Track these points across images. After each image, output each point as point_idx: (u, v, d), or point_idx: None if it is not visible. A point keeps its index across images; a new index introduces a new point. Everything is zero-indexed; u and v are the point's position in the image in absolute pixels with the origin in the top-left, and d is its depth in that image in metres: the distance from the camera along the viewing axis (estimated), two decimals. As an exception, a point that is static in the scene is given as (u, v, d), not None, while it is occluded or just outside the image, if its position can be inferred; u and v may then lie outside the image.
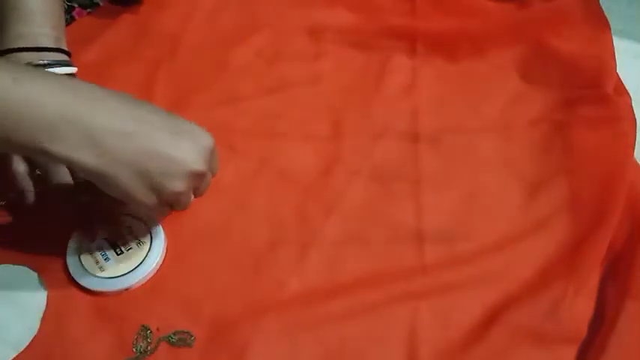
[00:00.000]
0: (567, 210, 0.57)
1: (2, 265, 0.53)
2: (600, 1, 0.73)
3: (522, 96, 0.67)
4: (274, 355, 0.49)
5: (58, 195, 0.52)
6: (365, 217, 0.57)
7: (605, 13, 0.72)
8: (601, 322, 0.51)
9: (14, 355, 0.48)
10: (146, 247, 0.54)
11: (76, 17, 0.72)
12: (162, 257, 0.54)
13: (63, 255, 0.54)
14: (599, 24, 0.71)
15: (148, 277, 0.53)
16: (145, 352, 0.49)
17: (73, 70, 0.55)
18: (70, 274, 0.52)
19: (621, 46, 0.69)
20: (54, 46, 0.55)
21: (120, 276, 0.52)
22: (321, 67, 0.69)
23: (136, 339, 0.50)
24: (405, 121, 0.64)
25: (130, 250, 0.53)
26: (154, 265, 0.53)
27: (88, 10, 0.73)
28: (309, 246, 0.55)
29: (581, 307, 0.51)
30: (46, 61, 0.53)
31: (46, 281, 0.53)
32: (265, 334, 0.50)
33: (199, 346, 0.50)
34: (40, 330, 0.50)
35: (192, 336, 0.50)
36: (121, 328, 0.50)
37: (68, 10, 0.71)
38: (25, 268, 0.53)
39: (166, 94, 0.66)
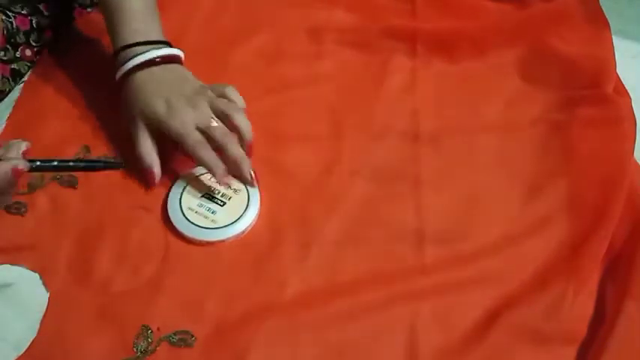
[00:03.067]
0: (567, 210, 0.57)
1: (2, 265, 0.53)
2: (600, 1, 0.73)
3: (522, 96, 0.67)
4: (275, 355, 0.50)
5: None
6: (365, 217, 0.57)
7: (605, 13, 0.72)
8: (601, 322, 0.51)
9: (15, 355, 0.48)
10: (243, 192, 0.57)
11: (77, 17, 0.72)
12: (262, 197, 0.57)
13: (63, 255, 0.54)
14: (599, 24, 0.71)
15: (257, 217, 0.56)
16: (146, 351, 0.49)
17: (180, 53, 0.61)
18: (183, 234, 0.55)
19: (621, 46, 0.69)
20: (162, 40, 0.60)
21: (235, 221, 0.55)
22: (321, 68, 0.69)
23: (137, 339, 0.50)
24: (405, 122, 0.64)
25: (230, 199, 0.56)
26: (259, 205, 0.56)
27: (89, 9, 0.73)
28: (310, 246, 0.55)
29: (581, 307, 0.52)
30: (156, 53, 0.58)
31: (46, 281, 0.53)
32: (266, 333, 0.50)
33: (200, 346, 0.50)
34: (40, 330, 0.50)
35: (192, 336, 0.50)
36: (122, 328, 0.50)
37: (69, 10, 0.71)
38: (26, 269, 0.53)
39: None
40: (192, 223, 0.55)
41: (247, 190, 0.57)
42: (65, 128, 0.63)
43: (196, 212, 0.56)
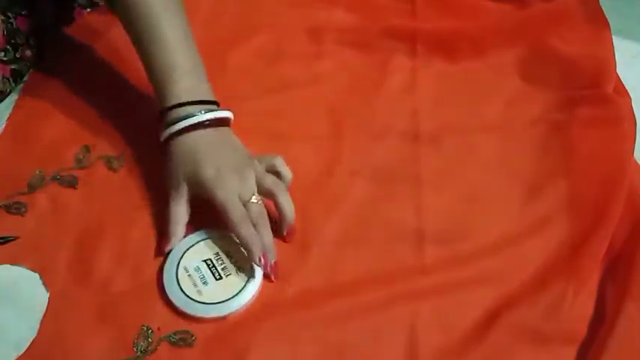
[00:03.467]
0: (567, 210, 0.57)
1: (3, 265, 0.53)
2: (600, 1, 0.73)
3: (522, 96, 0.67)
4: (274, 355, 0.49)
5: None
6: (365, 217, 0.57)
7: (605, 13, 0.72)
8: (601, 322, 0.51)
9: (15, 355, 0.48)
10: (245, 274, 0.52)
11: (76, 17, 0.72)
12: (261, 286, 0.53)
13: (63, 255, 0.54)
14: (599, 24, 0.71)
15: (245, 307, 0.52)
16: (146, 351, 0.49)
17: (230, 114, 0.58)
18: (164, 290, 0.52)
19: (621, 46, 0.69)
20: (211, 99, 0.57)
21: (219, 303, 0.51)
22: (321, 68, 0.69)
23: (137, 338, 0.50)
24: (405, 122, 0.64)
25: (228, 277, 0.52)
26: (254, 293, 0.52)
27: (88, 9, 0.73)
28: (310, 246, 0.55)
29: (580, 307, 0.51)
30: (208, 116, 0.55)
31: (46, 281, 0.53)
32: (266, 333, 0.50)
33: (200, 346, 0.50)
34: (40, 330, 0.50)
35: (192, 335, 0.50)
36: (122, 327, 0.50)
37: (69, 10, 0.71)
38: (26, 269, 0.53)
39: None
40: (179, 285, 0.52)
41: (250, 274, 0.52)
42: (65, 128, 0.63)
43: (189, 275, 0.52)
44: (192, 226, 0.55)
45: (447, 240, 0.56)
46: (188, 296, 0.51)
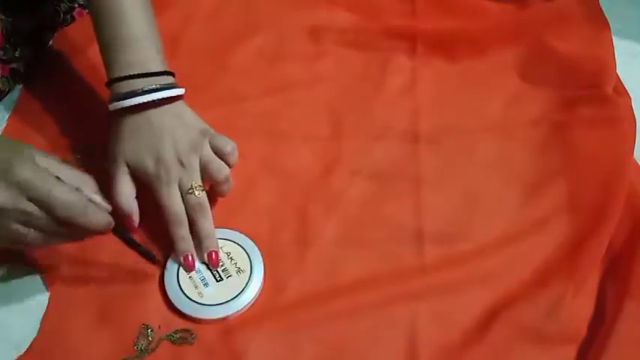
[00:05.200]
0: (567, 210, 0.57)
1: (3, 265, 0.53)
2: (600, 1, 0.73)
3: (522, 96, 0.67)
4: (274, 355, 0.50)
5: None
6: (365, 217, 0.57)
7: (605, 13, 0.72)
8: (601, 322, 0.51)
9: (15, 355, 0.48)
10: (245, 275, 0.53)
11: (77, 17, 0.72)
12: (261, 288, 0.53)
13: (65, 254, 0.54)
14: (599, 24, 0.71)
15: (246, 308, 0.52)
16: (146, 350, 0.49)
17: (181, 91, 0.55)
18: (165, 292, 0.52)
19: (621, 46, 0.69)
20: (162, 70, 0.55)
21: (220, 304, 0.51)
22: (321, 68, 0.69)
23: (137, 337, 0.50)
24: (405, 121, 0.64)
25: (229, 278, 0.53)
26: (254, 295, 0.52)
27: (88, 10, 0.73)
28: (309, 246, 0.55)
29: (580, 307, 0.52)
30: (156, 86, 0.53)
31: (47, 281, 0.53)
32: (266, 333, 0.50)
33: (200, 345, 0.50)
34: (41, 329, 0.50)
35: (193, 334, 0.50)
36: (122, 327, 0.50)
37: (69, 10, 0.71)
38: (26, 269, 0.53)
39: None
40: (180, 287, 0.52)
41: (250, 275, 0.53)
42: (65, 128, 0.63)
43: (190, 277, 0.52)
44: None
45: (447, 240, 0.56)
46: (189, 298, 0.51)
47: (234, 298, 0.51)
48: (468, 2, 0.74)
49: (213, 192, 0.55)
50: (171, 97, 0.54)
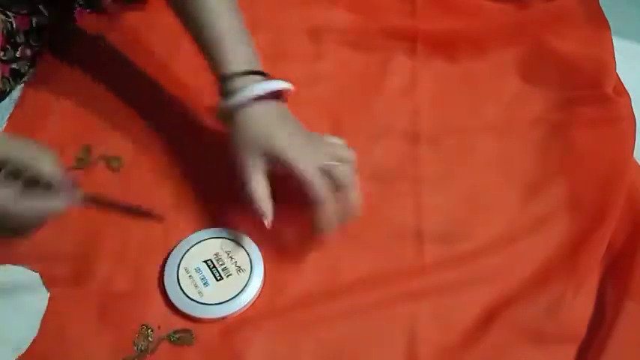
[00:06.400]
0: (567, 210, 0.57)
1: (3, 265, 0.54)
2: (600, 1, 0.73)
3: (522, 96, 0.67)
4: (275, 355, 0.50)
5: None
6: (365, 217, 0.57)
7: (605, 13, 0.72)
8: (601, 322, 0.51)
9: (16, 355, 0.48)
10: (245, 274, 0.53)
11: (77, 17, 0.72)
12: (261, 287, 0.53)
13: (65, 254, 0.54)
14: (599, 24, 0.71)
15: (246, 308, 0.52)
16: (146, 350, 0.49)
17: (290, 86, 0.55)
18: (165, 291, 0.52)
19: (621, 46, 0.69)
20: (262, 70, 0.55)
21: (220, 304, 0.51)
22: (321, 68, 0.69)
23: (137, 338, 0.50)
24: (405, 121, 0.64)
25: (229, 277, 0.52)
26: (254, 294, 0.52)
27: (88, 10, 0.73)
28: (310, 246, 0.55)
29: (580, 307, 0.52)
30: (276, 85, 0.54)
31: (46, 281, 0.53)
32: (265, 333, 0.50)
33: (200, 345, 0.50)
34: (41, 330, 0.50)
35: (192, 335, 0.50)
36: (122, 327, 0.50)
37: (69, 10, 0.71)
38: (26, 269, 0.53)
39: (167, 94, 0.66)
40: (180, 286, 0.52)
41: (250, 274, 0.53)
42: (65, 128, 0.63)
43: (190, 276, 0.52)
44: (193, 226, 0.55)
45: (447, 240, 0.56)
46: (189, 297, 0.51)
47: (234, 297, 0.51)
48: (468, 2, 0.74)
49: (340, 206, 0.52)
50: (283, 92, 0.55)
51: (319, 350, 0.50)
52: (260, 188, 0.51)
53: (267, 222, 0.51)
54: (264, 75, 0.54)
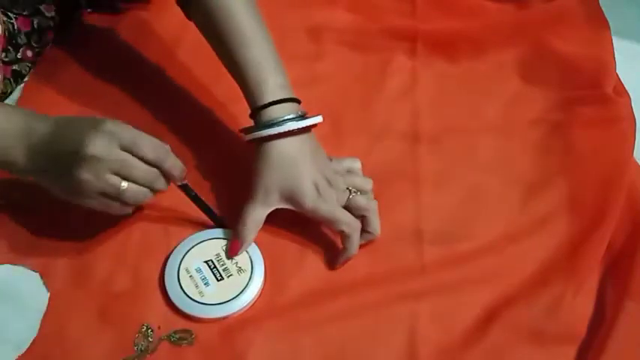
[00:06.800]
0: (566, 210, 0.57)
1: (3, 265, 0.54)
2: (600, 1, 0.73)
3: (522, 96, 0.67)
4: (275, 355, 0.50)
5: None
6: (365, 217, 0.57)
7: (605, 13, 0.72)
8: (601, 322, 0.51)
9: (16, 355, 0.49)
10: (246, 275, 0.53)
11: (77, 17, 0.72)
12: (262, 287, 0.53)
13: (65, 254, 0.54)
14: (599, 24, 0.71)
15: (246, 308, 0.52)
16: (146, 350, 0.49)
17: (320, 119, 0.55)
18: (165, 291, 0.52)
19: (621, 46, 0.69)
20: (296, 97, 0.55)
21: (221, 303, 0.51)
22: (321, 68, 0.69)
23: (137, 338, 0.50)
24: (405, 122, 0.64)
25: (230, 277, 0.52)
26: (255, 294, 0.52)
27: (89, 10, 0.73)
28: (310, 246, 0.55)
29: (580, 307, 0.52)
30: (302, 112, 0.54)
31: (47, 281, 0.53)
32: (266, 333, 0.50)
33: (200, 345, 0.50)
34: (41, 329, 0.50)
35: (193, 335, 0.50)
36: (122, 327, 0.50)
37: (70, 10, 0.71)
38: (26, 268, 0.53)
39: (166, 94, 0.66)
40: (181, 286, 0.51)
41: (251, 274, 0.53)
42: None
43: (190, 276, 0.52)
44: (194, 226, 0.55)
45: (447, 240, 0.56)
46: (190, 297, 0.51)
47: (235, 297, 0.51)
48: (468, 2, 0.74)
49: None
50: (313, 127, 0.55)
51: (320, 350, 0.50)
52: (254, 219, 0.53)
53: (239, 253, 0.53)
54: (296, 102, 0.55)
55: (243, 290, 0.52)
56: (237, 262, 0.53)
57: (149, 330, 0.50)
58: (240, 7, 0.55)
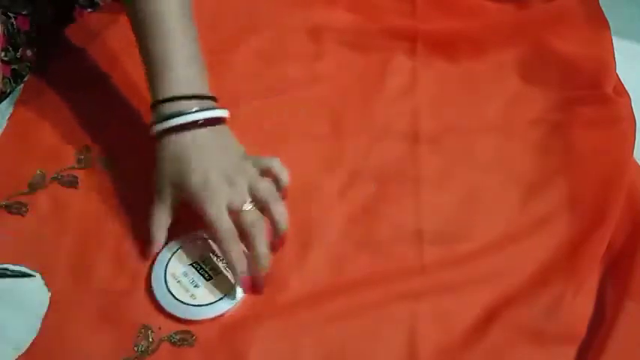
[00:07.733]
0: (566, 210, 0.57)
1: (3, 264, 0.53)
2: (600, 1, 0.73)
3: (522, 96, 0.67)
4: (275, 355, 0.50)
5: None
6: (365, 218, 0.57)
7: (605, 13, 0.72)
8: (601, 322, 0.51)
9: (15, 355, 0.48)
10: None
11: (77, 17, 0.72)
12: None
13: (64, 255, 0.54)
14: (599, 24, 0.71)
15: (242, 301, 0.51)
16: (146, 351, 0.49)
17: (225, 113, 0.55)
18: (158, 302, 0.51)
19: (621, 46, 0.69)
20: (206, 93, 0.54)
21: (215, 302, 0.51)
22: (321, 68, 0.69)
23: (138, 338, 0.50)
24: (405, 122, 0.64)
25: (218, 275, 0.52)
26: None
27: (89, 9, 0.73)
28: (310, 246, 0.55)
29: (580, 307, 0.52)
30: (201, 107, 0.53)
31: (47, 281, 0.53)
32: (266, 333, 0.50)
33: (200, 346, 0.50)
34: (41, 330, 0.50)
35: (193, 335, 0.50)
36: (123, 327, 0.50)
37: (69, 10, 0.71)
38: (27, 268, 0.53)
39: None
40: (171, 293, 0.51)
41: None
42: (65, 128, 0.63)
43: (179, 282, 0.52)
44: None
45: (447, 240, 0.56)
46: (182, 302, 0.51)
47: (228, 293, 0.51)
48: (467, 2, 0.74)
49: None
50: (215, 120, 0.54)
51: (320, 349, 0.50)
52: (158, 218, 0.53)
53: (154, 248, 0.53)
54: (199, 98, 0.53)
55: (234, 285, 0.52)
56: (222, 259, 0.53)
57: (149, 331, 0.50)
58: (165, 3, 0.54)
